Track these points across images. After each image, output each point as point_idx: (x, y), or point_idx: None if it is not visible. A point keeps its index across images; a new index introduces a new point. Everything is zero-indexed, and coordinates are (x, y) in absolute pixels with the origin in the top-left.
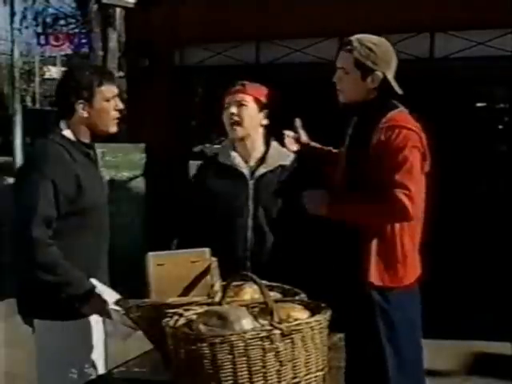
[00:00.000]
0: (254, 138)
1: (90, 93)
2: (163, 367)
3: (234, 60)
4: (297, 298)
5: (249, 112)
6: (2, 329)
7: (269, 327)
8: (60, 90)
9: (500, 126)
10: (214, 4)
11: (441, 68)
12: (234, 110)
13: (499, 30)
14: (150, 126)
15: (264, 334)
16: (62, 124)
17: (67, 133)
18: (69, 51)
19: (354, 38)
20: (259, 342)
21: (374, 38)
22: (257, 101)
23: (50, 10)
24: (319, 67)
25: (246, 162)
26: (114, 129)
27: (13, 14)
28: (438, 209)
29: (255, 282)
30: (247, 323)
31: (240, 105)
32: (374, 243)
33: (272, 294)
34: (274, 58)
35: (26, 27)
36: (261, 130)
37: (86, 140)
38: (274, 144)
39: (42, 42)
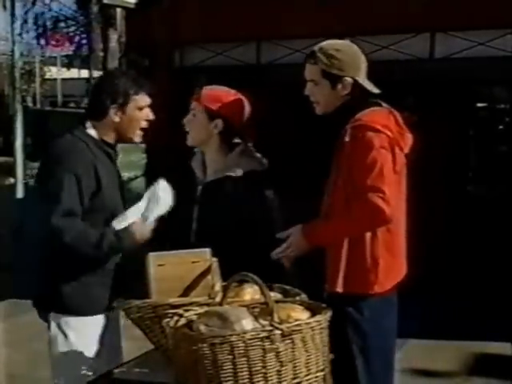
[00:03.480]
0: (208, 146)
1: (125, 99)
2: (164, 367)
3: (234, 60)
4: (297, 298)
5: (197, 122)
6: (2, 329)
7: (269, 327)
8: (96, 92)
9: (500, 127)
10: (215, 4)
11: (441, 68)
12: (185, 119)
13: (499, 31)
14: (150, 127)
15: (264, 334)
16: (88, 124)
17: (92, 131)
18: (69, 52)
19: (316, 48)
20: (259, 343)
21: (338, 44)
22: (208, 110)
23: (51, 13)
24: None
25: (204, 168)
26: (139, 138)
27: (13, 15)
28: (436, 210)
29: (256, 283)
30: (248, 324)
31: (192, 114)
32: (342, 252)
33: (272, 294)
34: (274, 58)
35: (27, 31)
36: (216, 139)
37: (110, 141)
38: (235, 152)
39: (43, 42)
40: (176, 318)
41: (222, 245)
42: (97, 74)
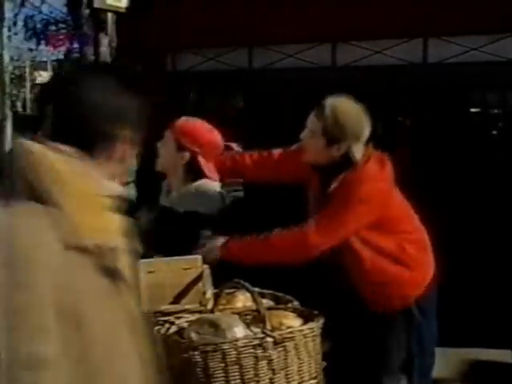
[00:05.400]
0: (173, 174)
1: None
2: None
3: (226, 65)
4: (289, 305)
5: (166, 150)
6: None
7: (261, 335)
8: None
9: (494, 132)
10: (207, 9)
11: (434, 73)
12: (159, 143)
13: (493, 36)
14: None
15: (256, 341)
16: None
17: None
18: (60, 56)
19: (328, 103)
20: (252, 350)
21: (349, 107)
22: (177, 142)
23: (41, 16)
24: (312, 73)
25: (169, 191)
26: None
27: (2, 19)
28: (431, 215)
29: (248, 290)
30: (239, 331)
31: (164, 141)
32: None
33: (264, 301)
34: (266, 63)
35: (16, 33)
36: (180, 169)
37: None
38: (190, 187)
39: (33, 46)
40: (167, 325)
41: None
42: None
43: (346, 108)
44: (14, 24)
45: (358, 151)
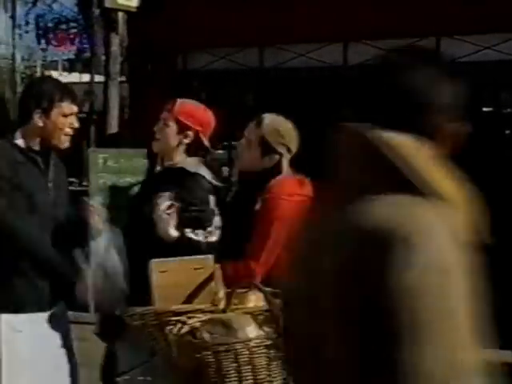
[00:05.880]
0: (170, 155)
1: (50, 104)
2: (167, 375)
3: (237, 64)
4: None
5: (167, 132)
6: None
7: (274, 335)
8: (22, 96)
9: (507, 131)
10: (217, 8)
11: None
12: (156, 127)
13: (505, 35)
14: (152, 132)
15: (269, 342)
16: (17, 133)
17: (18, 140)
18: (71, 55)
19: (267, 115)
20: (264, 350)
21: (285, 121)
22: (179, 122)
23: (52, 15)
24: (323, 72)
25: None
26: (65, 144)
27: (14, 18)
28: None
29: (260, 290)
30: (252, 331)
31: (163, 124)
32: None
33: (277, 301)
34: (277, 62)
35: (27, 32)
36: (180, 148)
37: (36, 147)
38: (195, 158)
39: (44, 45)
40: (179, 325)
41: None
42: (98, 78)
43: (283, 121)
44: (26, 22)
45: (285, 164)
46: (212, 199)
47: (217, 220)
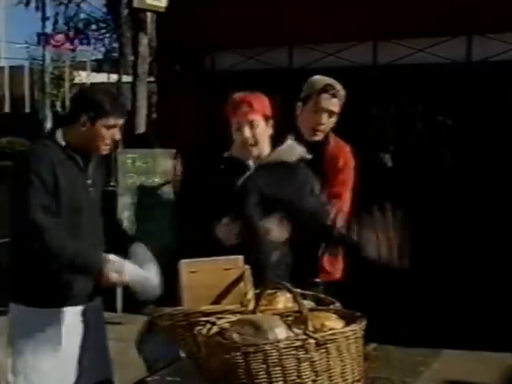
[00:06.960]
0: (263, 147)
1: (97, 114)
2: (196, 376)
3: (266, 64)
4: (331, 306)
5: (260, 131)
6: None
7: (303, 336)
8: (72, 100)
9: None
10: (246, 8)
11: (478, 71)
12: (247, 133)
13: None
14: (181, 132)
15: (298, 343)
16: (58, 132)
17: (59, 138)
18: (99, 56)
19: (334, 82)
20: (293, 352)
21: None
22: (265, 117)
23: (82, 15)
24: (352, 71)
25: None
26: (104, 152)
27: (44, 19)
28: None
29: (289, 291)
30: (281, 332)
31: (252, 126)
32: None
33: (306, 302)
34: (307, 62)
35: (58, 32)
36: (267, 139)
37: (76, 148)
38: (288, 142)
39: (71, 46)
40: (208, 326)
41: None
42: (126, 78)
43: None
44: (56, 22)
45: None
46: None
47: None
